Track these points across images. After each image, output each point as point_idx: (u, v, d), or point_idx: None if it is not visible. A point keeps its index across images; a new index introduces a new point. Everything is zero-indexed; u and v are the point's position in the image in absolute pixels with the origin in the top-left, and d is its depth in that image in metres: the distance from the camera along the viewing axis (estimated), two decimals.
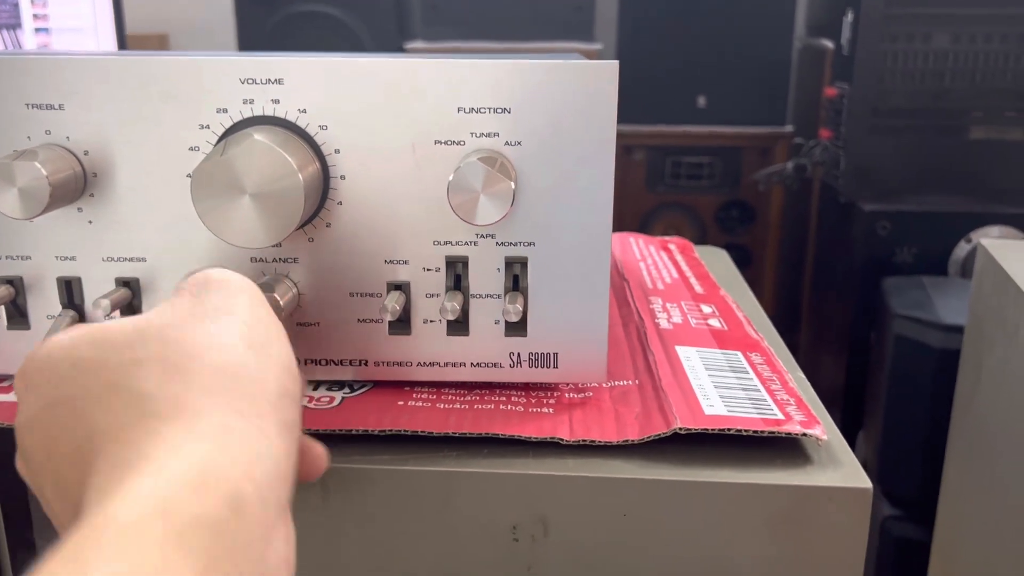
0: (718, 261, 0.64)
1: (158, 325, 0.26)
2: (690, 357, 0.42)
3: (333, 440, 0.36)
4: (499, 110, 0.36)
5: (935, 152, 1.32)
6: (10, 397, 0.38)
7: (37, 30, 1.26)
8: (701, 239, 1.78)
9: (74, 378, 0.25)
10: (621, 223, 1.78)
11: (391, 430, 0.36)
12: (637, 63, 1.74)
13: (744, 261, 1.82)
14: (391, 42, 1.73)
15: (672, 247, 0.64)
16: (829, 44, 1.55)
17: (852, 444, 1.34)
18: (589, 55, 1.69)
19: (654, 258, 0.61)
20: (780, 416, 0.36)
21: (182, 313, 0.27)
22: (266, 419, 0.24)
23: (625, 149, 1.78)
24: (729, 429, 0.35)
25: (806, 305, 1.72)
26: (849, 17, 1.35)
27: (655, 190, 1.80)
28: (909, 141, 1.32)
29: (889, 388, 1.15)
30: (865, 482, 0.33)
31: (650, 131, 1.77)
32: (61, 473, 0.24)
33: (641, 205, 1.81)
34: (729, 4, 1.72)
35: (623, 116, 0.36)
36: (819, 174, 1.50)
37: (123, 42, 1.35)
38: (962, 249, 1.30)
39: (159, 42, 1.98)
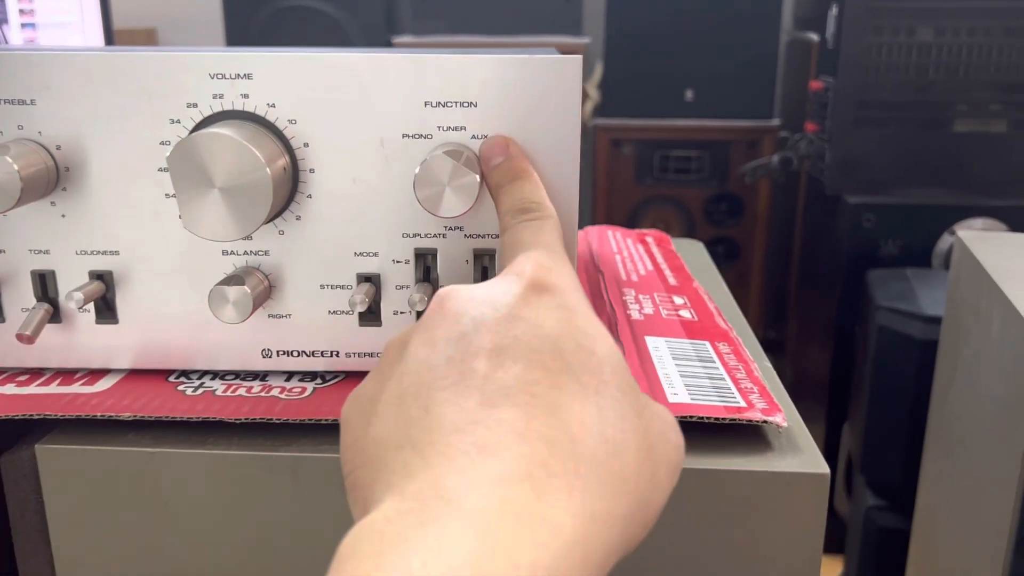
0: (695, 254, 0.64)
1: (520, 320, 0.27)
2: (658, 347, 0.43)
3: (304, 429, 0.37)
4: (465, 104, 0.36)
5: (920, 145, 1.33)
6: None
7: (23, 25, 1.26)
8: (689, 232, 1.79)
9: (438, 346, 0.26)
10: (610, 217, 1.78)
11: None
12: (625, 57, 1.75)
13: (732, 254, 1.83)
14: (379, 36, 1.73)
15: (649, 240, 0.64)
16: (816, 37, 1.56)
17: (838, 435, 1.36)
18: (576, 49, 1.70)
19: (630, 251, 0.61)
20: (743, 404, 0.37)
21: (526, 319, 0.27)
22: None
23: (613, 143, 1.78)
24: (692, 416, 0.36)
25: (793, 297, 1.73)
26: (834, 11, 1.36)
27: (643, 183, 1.81)
28: (894, 134, 1.33)
29: (873, 379, 1.16)
30: (823, 468, 0.34)
31: (638, 125, 1.77)
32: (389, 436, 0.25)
33: (630, 199, 1.81)
34: None
35: (611, 110, 0.37)
36: (805, 167, 1.50)
37: (110, 37, 1.35)
38: (946, 241, 1.31)
39: (147, 37, 1.98)
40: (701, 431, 0.36)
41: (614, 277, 0.55)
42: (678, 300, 0.50)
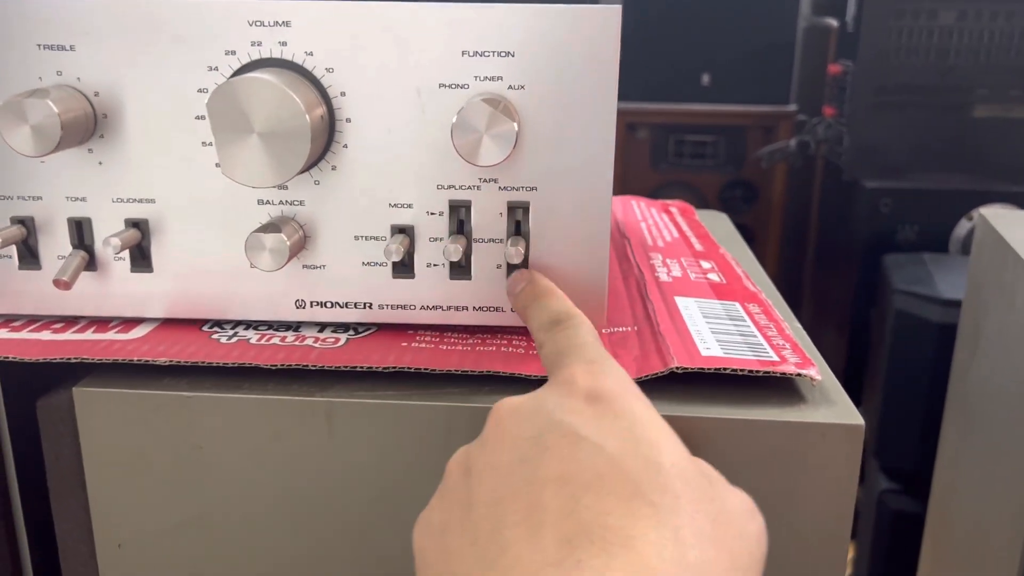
0: (719, 224, 0.64)
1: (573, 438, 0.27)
2: (688, 307, 0.43)
3: (338, 376, 0.37)
4: (503, 54, 0.36)
5: (939, 130, 1.32)
6: (27, 335, 0.39)
7: None
8: None
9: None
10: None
11: (395, 367, 0.36)
12: (641, 40, 1.74)
13: (747, 240, 1.82)
14: None
15: (673, 210, 0.64)
16: (834, 23, 1.55)
17: None
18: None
19: (655, 219, 0.61)
20: (775, 358, 0.37)
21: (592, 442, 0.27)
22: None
23: (629, 127, 1.78)
24: (725, 369, 0.36)
25: (808, 283, 1.72)
26: None
27: (658, 168, 1.80)
28: (913, 118, 1.32)
29: (889, 363, 1.16)
30: (857, 419, 0.34)
31: (654, 109, 1.77)
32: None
33: (644, 183, 1.81)
34: None
35: (627, 94, 0.37)
36: (822, 152, 1.50)
37: None
38: (963, 227, 1.30)
39: None
40: (734, 384, 0.36)
41: (640, 242, 0.55)
42: (705, 264, 0.50)
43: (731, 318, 0.42)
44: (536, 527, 0.24)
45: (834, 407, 0.35)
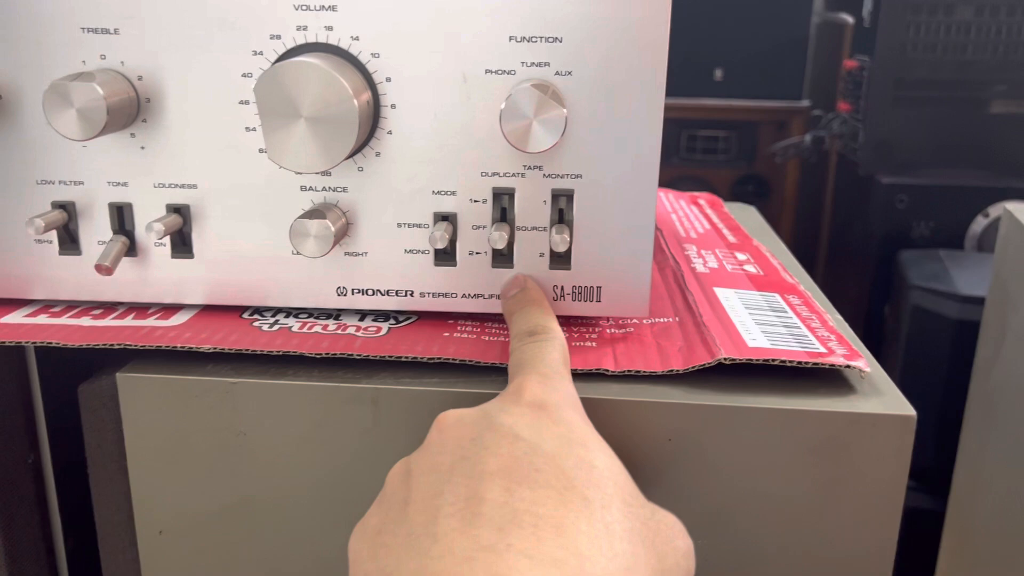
0: (748, 217, 0.64)
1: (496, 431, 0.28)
2: (728, 298, 0.43)
3: (383, 364, 0.37)
4: (550, 39, 0.36)
5: (955, 126, 1.32)
6: (67, 320, 0.39)
7: None
8: None
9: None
10: None
11: (439, 358, 0.36)
12: None
13: None
14: None
15: (702, 202, 0.64)
16: (847, 18, 1.54)
17: None
18: None
19: (685, 211, 0.61)
20: (822, 350, 0.36)
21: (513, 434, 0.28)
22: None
23: None
24: (773, 360, 0.35)
25: (821, 278, 1.72)
26: None
27: (670, 163, 1.80)
28: (929, 114, 1.31)
29: (904, 359, 1.16)
30: (908, 410, 0.34)
31: (666, 103, 1.76)
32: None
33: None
34: None
35: None
36: (837, 147, 1.49)
37: None
38: (979, 224, 1.30)
39: None
40: (781, 375, 0.36)
41: (672, 234, 0.54)
42: (741, 256, 0.50)
43: (773, 309, 0.41)
44: (471, 517, 0.25)
45: (884, 397, 0.35)
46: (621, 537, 0.25)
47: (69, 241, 0.39)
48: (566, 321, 0.41)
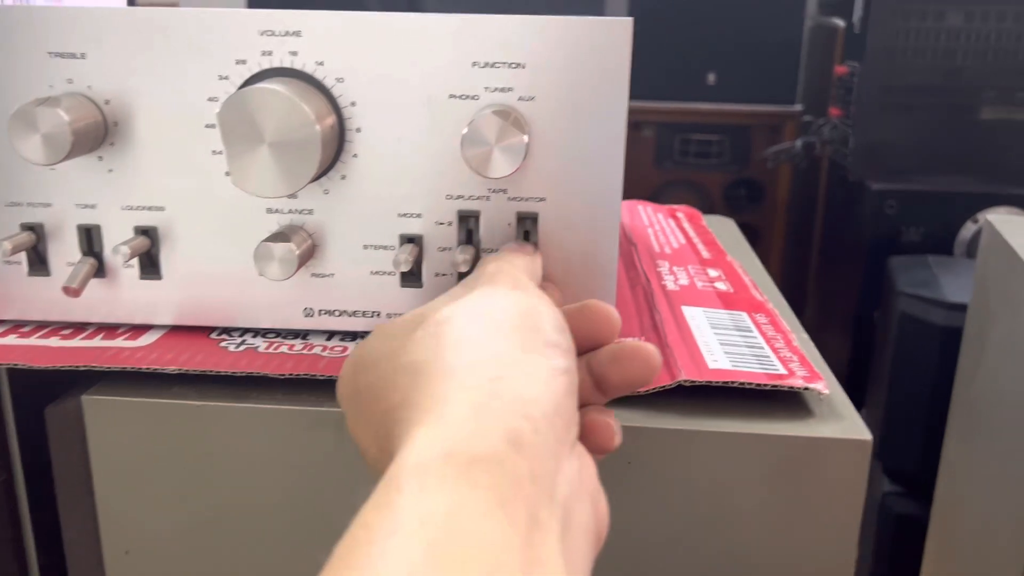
0: (725, 230, 0.64)
1: (433, 308, 0.28)
2: (695, 316, 0.43)
3: None
4: (513, 65, 0.36)
5: (945, 132, 1.32)
6: (35, 341, 0.39)
7: None
8: None
9: (369, 369, 0.28)
10: (629, 199, 1.78)
11: None
12: (647, 39, 1.73)
13: (752, 239, 1.81)
14: None
15: (680, 215, 0.64)
16: (840, 23, 1.55)
17: None
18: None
19: (662, 225, 0.61)
20: (783, 371, 0.37)
21: (453, 298, 0.29)
22: (536, 365, 0.25)
23: (634, 125, 1.78)
24: (733, 382, 0.36)
25: (812, 283, 1.72)
26: None
27: (663, 167, 1.80)
28: (919, 120, 1.32)
29: (892, 366, 1.16)
30: (865, 434, 0.34)
31: (659, 108, 1.76)
32: (377, 459, 0.27)
33: (649, 182, 1.81)
34: None
35: (632, 92, 0.37)
36: (828, 152, 1.50)
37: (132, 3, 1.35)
38: (969, 229, 1.30)
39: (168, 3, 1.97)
40: (741, 397, 0.36)
41: (647, 249, 0.55)
42: (712, 272, 0.50)
43: (738, 329, 0.42)
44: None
45: (842, 421, 0.35)
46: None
47: (38, 262, 0.40)
48: None
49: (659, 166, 1.80)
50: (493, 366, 0.25)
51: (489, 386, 0.24)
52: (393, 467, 0.21)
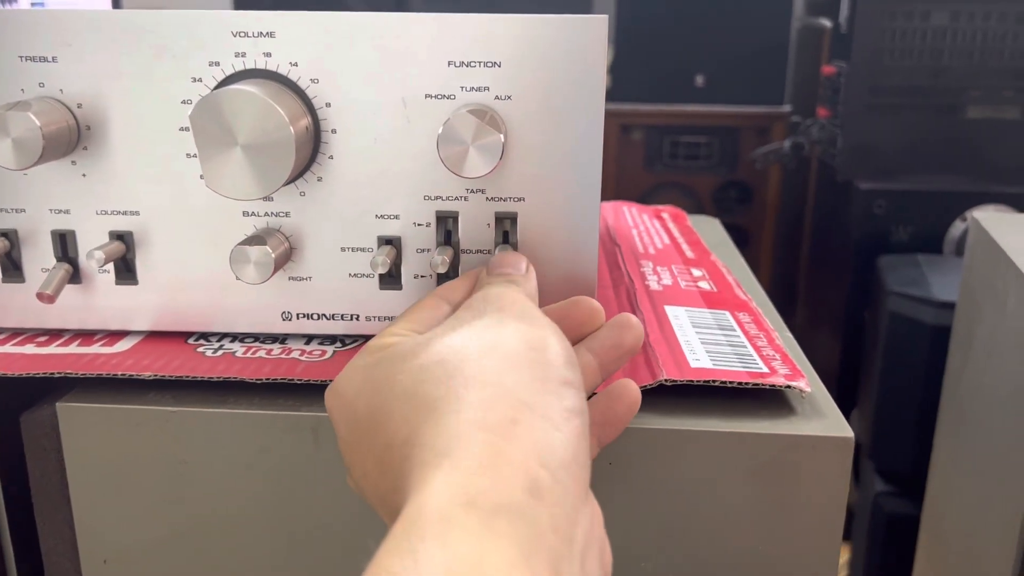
0: (711, 230, 0.64)
1: (440, 335, 0.28)
2: (678, 316, 0.43)
3: (324, 389, 0.37)
4: (489, 64, 0.36)
5: (932, 131, 1.32)
6: (10, 348, 0.38)
7: None
8: None
9: (370, 395, 0.27)
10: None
11: None
12: (635, 41, 1.74)
13: (741, 241, 1.82)
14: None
15: (665, 215, 0.64)
16: (827, 23, 1.55)
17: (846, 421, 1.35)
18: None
19: (646, 225, 0.61)
20: (765, 369, 0.36)
21: (461, 325, 0.28)
22: (551, 408, 0.25)
23: (623, 128, 1.78)
24: (714, 381, 0.35)
25: (803, 284, 1.72)
26: None
27: (653, 169, 1.80)
28: (906, 120, 1.32)
29: (883, 365, 1.16)
30: (847, 431, 0.34)
31: (648, 110, 1.77)
32: (376, 485, 0.26)
33: (639, 184, 1.81)
34: None
35: (621, 95, 0.37)
36: (816, 153, 1.50)
37: (117, 4, 1.35)
38: (957, 228, 1.30)
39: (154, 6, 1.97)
40: (723, 396, 0.36)
41: (631, 250, 0.54)
42: (696, 272, 0.50)
43: (721, 328, 0.42)
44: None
45: (824, 419, 0.35)
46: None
47: (12, 268, 0.39)
48: None
49: (649, 168, 1.80)
50: (509, 406, 0.24)
51: (506, 429, 0.23)
52: (412, 511, 0.21)
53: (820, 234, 1.60)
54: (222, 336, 0.40)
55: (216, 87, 0.36)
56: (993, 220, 0.76)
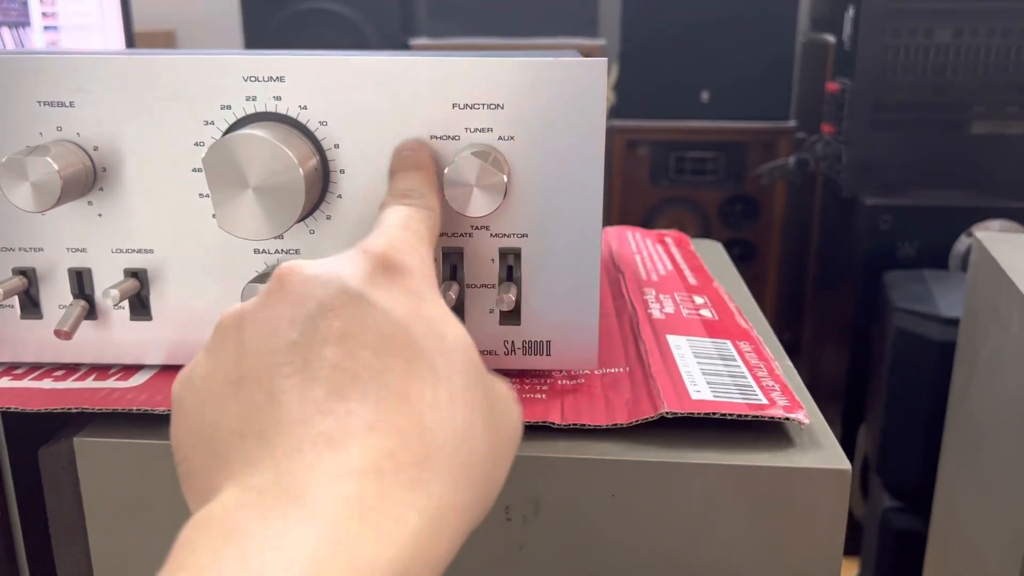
0: (714, 254, 0.65)
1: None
2: (680, 346, 0.44)
3: None
4: (492, 106, 0.37)
5: (937, 147, 1.33)
6: (29, 383, 0.40)
7: (46, 28, 1.27)
8: (705, 234, 1.79)
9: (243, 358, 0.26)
10: (625, 218, 1.79)
11: None
12: (641, 58, 1.75)
13: (748, 256, 1.83)
14: (396, 38, 1.74)
15: (668, 240, 0.65)
16: (832, 39, 1.56)
17: (854, 437, 1.35)
18: (592, 50, 1.70)
19: (650, 251, 0.62)
20: (764, 401, 0.37)
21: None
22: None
23: (629, 144, 1.79)
24: (714, 413, 0.36)
25: (809, 299, 1.73)
26: (850, 12, 1.35)
27: (659, 185, 1.81)
28: (911, 136, 1.33)
29: (890, 381, 1.16)
30: (844, 463, 0.34)
31: (654, 126, 1.78)
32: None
33: (645, 200, 1.82)
34: None
35: (626, 111, 0.38)
36: (822, 169, 1.50)
37: (131, 39, 1.37)
38: (963, 243, 1.31)
39: (166, 39, 2.00)
40: (723, 427, 0.37)
41: (634, 276, 0.55)
42: (698, 300, 0.51)
43: (722, 357, 0.42)
44: (309, 379, 0.24)
45: (821, 451, 0.36)
46: (463, 409, 0.25)
47: (31, 305, 0.40)
48: (519, 373, 0.42)
49: (655, 184, 1.81)
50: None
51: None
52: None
53: (826, 249, 1.61)
54: None
55: (227, 130, 0.37)
56: (995, 240, 0.76)
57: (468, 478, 0.25)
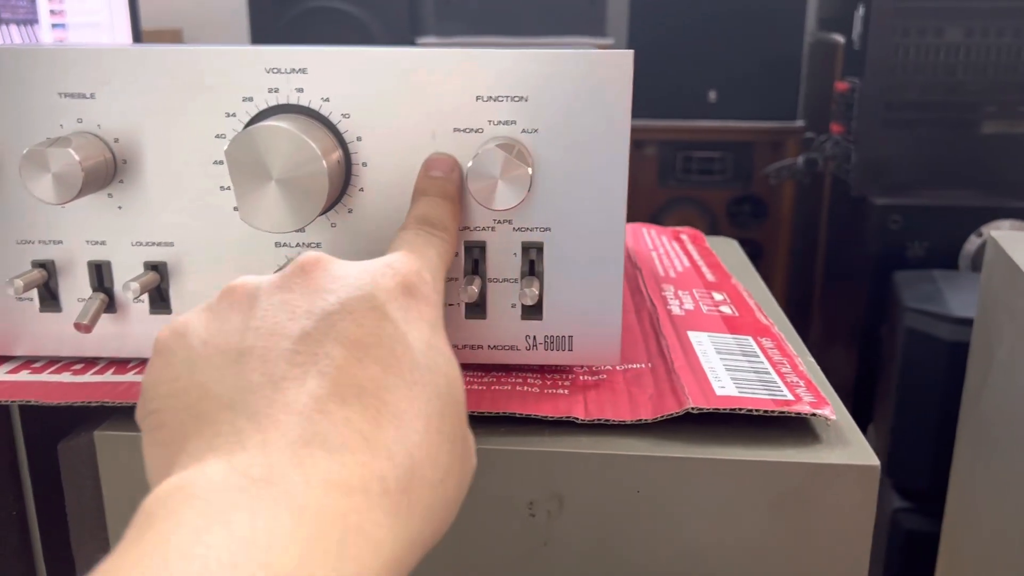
0: (730, 251, 0.64)
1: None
2: (702, 342, 0.43)
3: None
4: (516, 98, 0.37)
5: (947, 146, 1.32)
6: (48, 376, 0.39)
7: (54, 26, 1.27)
8: (712, 234, 1.78)
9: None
10: (633, 217, 1.78)
11: None
12: (648, 57, 1.75)
13: (755, 256, 1.82)
14: (403, 37, 1.74)
15: (684, 237, 0.65)
16: (840, 38, 1.56)
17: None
18: (601, 49, 1.70)
19: (666, 247, 0.62)
20: (790, 397, 0.37)
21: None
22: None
23: (636, 144, 1.78)
24: (740, 409, 0.36)
25: (817, 299, 1.72)
26: (860, 11, 1.35)
27: (666, 185, 1.81)
28: (921, 135, 1.32)
29: (899, 381, 1.16)
30: (872, 460, 0.34)
31: (661, 126, 1.77)
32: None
33: (653, 200, 1.81)
34: None
35: (634, 111, 0.37)
36: (830, 168, 1.50)
37: (138, 37, 1.37)
38: (973, 243, 1.30)
39: (173, 37, 2.00)
40: (749, 423, 0.36)
41: (652, 273, 0.55)
42: (718, 296, 0.51)
43: (744, 354, 0.42)
44: (314, 373, 0.24)
45: (849, 447, 0.35)
46: (449, 448, 0.26)
47: (50, 298, 0.40)
48: (540, 369, 0.41)
49: (662, 184, 1.81)
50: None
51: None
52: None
53: (835, 249, 1.60)
54: None
55: (249, 122, 0.37)
56: (1010, 239, 0.76)
57: (438, 518, 0.25)
